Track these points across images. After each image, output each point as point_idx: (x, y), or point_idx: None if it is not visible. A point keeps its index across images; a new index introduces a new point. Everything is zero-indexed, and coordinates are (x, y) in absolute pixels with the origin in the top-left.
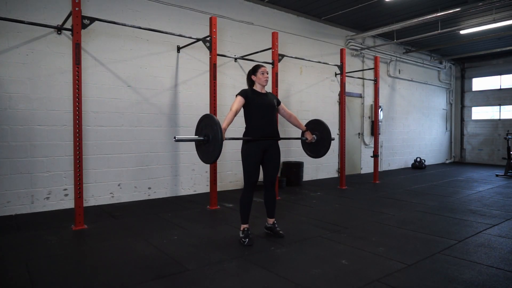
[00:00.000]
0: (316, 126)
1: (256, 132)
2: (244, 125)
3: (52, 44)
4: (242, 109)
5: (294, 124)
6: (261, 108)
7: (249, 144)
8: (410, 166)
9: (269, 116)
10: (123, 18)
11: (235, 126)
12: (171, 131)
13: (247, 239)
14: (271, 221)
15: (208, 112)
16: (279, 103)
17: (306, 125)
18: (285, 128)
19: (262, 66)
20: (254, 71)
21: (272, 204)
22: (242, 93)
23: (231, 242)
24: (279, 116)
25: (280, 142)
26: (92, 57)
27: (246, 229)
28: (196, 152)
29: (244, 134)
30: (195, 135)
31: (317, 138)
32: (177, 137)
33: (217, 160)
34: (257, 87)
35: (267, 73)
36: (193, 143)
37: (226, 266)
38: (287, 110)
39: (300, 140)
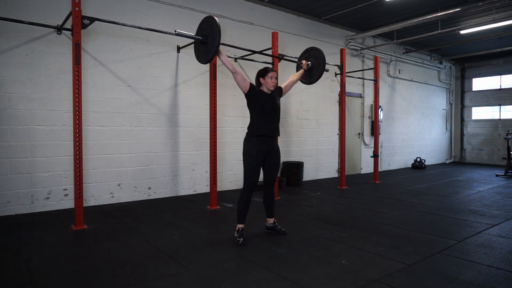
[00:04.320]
0: (312, 53)
1: (259, 128)
2: (245, 125)
3: (52, 44)
4: (247, 104)
5: (297, 79)
6: (265, 109)
7: (251, 143)
8: (410, 166)
9: (272, 117)
10: (123, 18)
11: (235, 126)
12: (171, 131)
13: (242, 239)
14: (271, 220)
15: (208, 112)
16: (281, 92)
17: (302, 53)
18: (285, 129)
19: (273, 70)
20: (263, 73)
21: (271, 204)
22: (251, 85)
23: (231, 242)
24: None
25: (280, 142)
26: (92, 57)
27: (241, 229)
28: (196, 151)
29: (249, 126)
30: (196, 34)
31: (311, 64)
32: (178, 30)
33: (217, 160)
34: (264, 89)
35: (276, 79)
36: (195, 141)
37: (226, 266)
38: (288, 84)
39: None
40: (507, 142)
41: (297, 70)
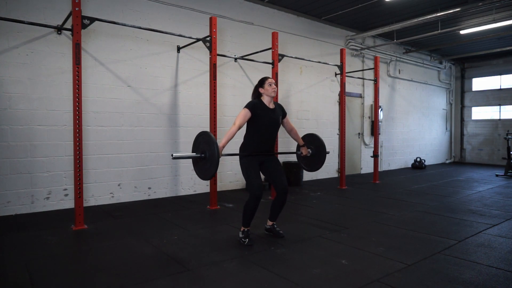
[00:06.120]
0: (312, 140)
1: (252, 147)
2: (241, 135)
3: (52, 44)
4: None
5: (294, 138)
6: (265, 126)
7: (245, 160)
8: (410, 166)
9: (270, 135)
10: (123, 18)
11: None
12: (171, 131)
13: (247, 239)
14: (270, 223)
15: (208, 112)
16: (284, 115)
17: (302, 138)
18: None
19: (269, 77)
20: (261, 83)
21: (279, 210)
22: (250, 106)
23: (231, 242)
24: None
25: (280, 142)
26: (92, 57)
27: (246, 229)
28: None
29: (241, 146)
30: (192, 151)
31: (312, 152)
32: (175, 154)
33: None
34: (264, 99)
35: (275, 84)
36: (193, 140)
37: (226, 266)
38: (290, 123)
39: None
40: (507, 142)
41: (297, 158)
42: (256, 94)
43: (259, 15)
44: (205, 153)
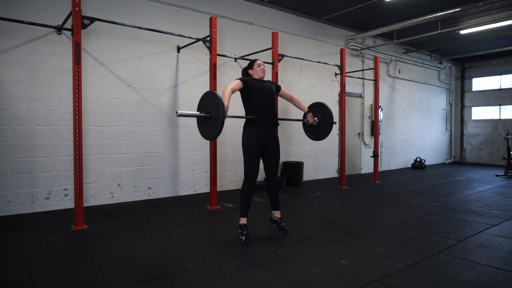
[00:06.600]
0: (319, 109)
1: (257, 117)
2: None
3: (52, 44)
4: (241, 98)
5: (297, 105)
6: (260, 94)
7: (249, 132)
8: (410, 166)
9: (267, 101)
10: (123, 18)
11: (235, 126)
12: (171, 131)
13: (244, 237)
14: (277, 214)
15: None
16: (278, 88)
17: (308, 108)
18: (285, 129)
19: (258, 59)
20: (250, 65)
21: (275, 195)
22: (242, 79)
23: (231, 242)
24: (279, 105)
25: (280, 142)
26: (92, 57)
27: (244, 225)
28: (196, 151)
29: (245, 124)
30: (197, 110)
31: (318, 120)
32: (179, 111)
33: (217, 160)
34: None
35: (263, 65)
36: (195, 141)
37: (226, 266)
38: (288, 92)
39: (302, 128)
40: (507, 142)
41: (303, 127)
42: (245, 75)
43: (259, 15)
44: (210, 114)
